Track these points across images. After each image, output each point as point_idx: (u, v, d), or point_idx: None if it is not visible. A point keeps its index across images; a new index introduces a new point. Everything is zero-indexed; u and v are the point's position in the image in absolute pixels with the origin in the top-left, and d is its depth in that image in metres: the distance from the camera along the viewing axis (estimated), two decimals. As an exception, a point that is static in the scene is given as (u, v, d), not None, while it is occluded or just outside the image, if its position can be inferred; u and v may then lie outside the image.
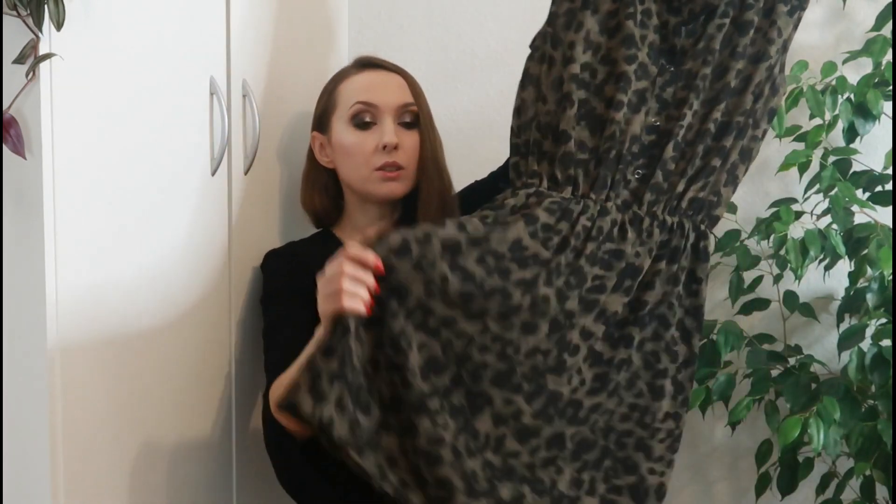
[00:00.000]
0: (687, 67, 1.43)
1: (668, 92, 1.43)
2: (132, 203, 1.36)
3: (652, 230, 1.40)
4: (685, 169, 1.42)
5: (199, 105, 1.50)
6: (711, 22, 1.43)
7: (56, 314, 1.21)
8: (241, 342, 1.62)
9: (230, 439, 1.61)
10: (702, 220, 1.43)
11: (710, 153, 1.42)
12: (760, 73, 1.43)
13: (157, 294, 1.42)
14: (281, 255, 1.61)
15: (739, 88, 1.43)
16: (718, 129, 1.42)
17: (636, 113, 1.41)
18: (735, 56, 1.43)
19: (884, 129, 1.90)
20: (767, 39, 1.44)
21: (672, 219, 1.42)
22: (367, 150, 1.57)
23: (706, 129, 1.42)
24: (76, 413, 1.26)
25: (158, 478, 1.44)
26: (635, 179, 1.41)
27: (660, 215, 1.41)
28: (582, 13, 1.43)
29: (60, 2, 1.16)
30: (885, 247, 1.75)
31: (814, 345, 2.03)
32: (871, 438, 1.75)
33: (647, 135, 1.42)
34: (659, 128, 1.42)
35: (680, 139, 1.41)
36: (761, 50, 1.44)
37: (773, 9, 1.43)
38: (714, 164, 1.42)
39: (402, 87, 1.62)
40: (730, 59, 1.43)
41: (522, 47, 1.70)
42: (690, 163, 1.42)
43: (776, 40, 1.43)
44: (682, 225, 1.42)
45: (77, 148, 1.24)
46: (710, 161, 1.42)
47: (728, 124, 1.43)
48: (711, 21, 1.43)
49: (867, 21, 1.95)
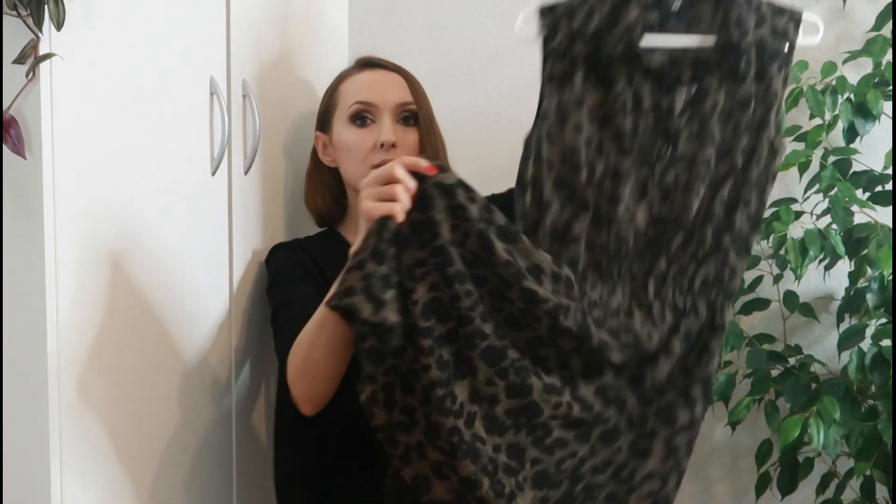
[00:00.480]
0: (686, 150, 1.35)
1: (669, 176, 1.35)
2: (132, 203, 1.35)
3: (664, 313, 1.36)
4: (695, 252, 1.37)
5: (199, 105, 1.50)
6: (707, 99, 1.34)
7: (56, 314, 1.21)
8: (242, 342, 1.62)
9: (230, 439, 1.61)
10: (716, 297, 1.38)
11: (720, 232, 1.36)
12: (763, 143, 1.37)
13: (156, 294, 1.42)
14: (288, 247, 1.63)
15: (745, 162, 1.36)
16: (727, 209, 1.36)
17: (639, 205, 1.35)
18: (738, 132, 1.36)
19: (884, 129, 1.90)
20: (766, 105, 1.36)
21: (685, 299, 1.37)
22: (366, 147, 1.58)
23: (713, 211, 1.36)
24: (76, 414, 1.25)
25: (158, 478, 1.44)
26: (642, 273, 1.36)
27: (670, 298, 1.37)
28: (574, 110, 1.36)
29: (60, 2, 1.15)
30: (885, 247, 1.75)
31: (814, 345, 2.03)
32: (871, 438, 1.75)
33: (653, 227, 1.36)
34: (664, 218, 1.36)
35: (687, 227, 1.36)
36: (762, 118, 1.36)
37: (764, 72, 1.35)
38: (725, 243, 1.37)
39: (402, 85, 1.62)
40: (733, 136, 1.36)
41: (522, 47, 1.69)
42: (700, 245, 1.36)
43: (774, 103, 1.36)
44: (695, 306, 1.37)
45: (77, 148, 1.24)
46: (720, 241, 1.36)
47: (736, 201, 1.36)
48: (707, 99, 1.34)
49: (867, 21, 1.95)
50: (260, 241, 1.67)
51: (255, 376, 1.67)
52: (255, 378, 1.67)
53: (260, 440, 1.71)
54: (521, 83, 2.12)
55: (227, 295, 1.58)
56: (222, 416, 1.59)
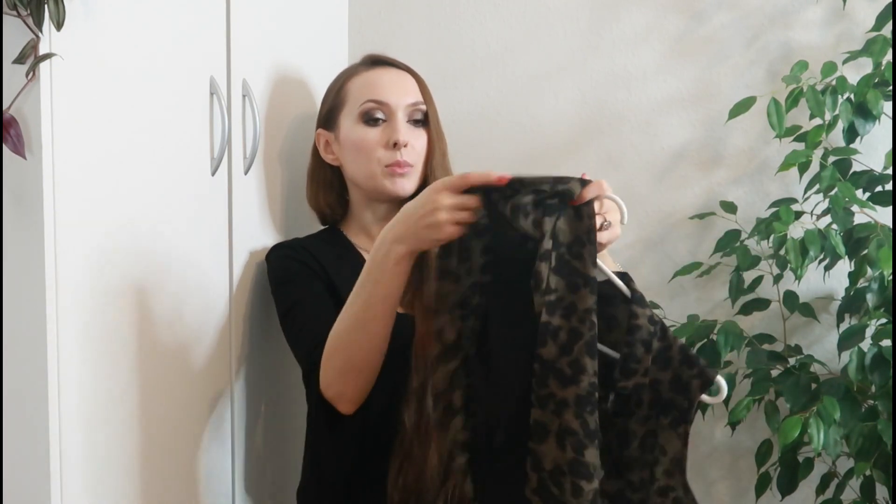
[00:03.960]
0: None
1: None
2: (132, 203, 1.35)
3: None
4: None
5: (199, 105, 1.50)
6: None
7: (56, 314, 1.21)
8: (242, 341, 1.62)
9: (230, 439, 1.61)
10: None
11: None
12: (655, 496, 1.25)
13: (156, 294, 1.42)
14: (289, 246, 1.62)
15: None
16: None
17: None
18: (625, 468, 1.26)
19: (884, 129, 1.90)
20: (648, 452, 1.25)
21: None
22: (377, 146, 1.57)
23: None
24: (76, 413, 1.25)
25: (158, 477, 1.44)
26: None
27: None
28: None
29: (60, 2, 1.15)
30: (885, 247, 1.75)
31: (814, 345, 2.03)
32: (871, 438, 1.75)
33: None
34: None
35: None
36: (640, 465, 1.25)
37: (655, 419, 1.24)
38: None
39: (413, 85, 1.62)
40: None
41: (522, 47, 1.71)
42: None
43: (661, 460, 1.24)
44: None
45: (77, 148, 1.24)
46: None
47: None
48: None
49: (867, 21, 1.95)
50: (260, 241, 1.67)
51: (255, 376, 1.67)
52: (256, 378, 1.67)
53: (260, 441, 1.71)
54: (521, 83, 2.13)
55: (227, 295, 1.58)
56: (222, 415, 1.59)
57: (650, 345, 1.22)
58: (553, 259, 1.20)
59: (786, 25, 2.03)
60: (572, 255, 1.20)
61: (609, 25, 2.09)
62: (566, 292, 1.20)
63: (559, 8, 2.10)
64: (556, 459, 1.21)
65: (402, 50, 1.86)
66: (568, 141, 2.10)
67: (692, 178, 2.08)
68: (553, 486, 1.22)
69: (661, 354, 1.22)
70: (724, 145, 2.06)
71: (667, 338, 1.23)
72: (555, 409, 1.20)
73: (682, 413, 1.22)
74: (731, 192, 2.06)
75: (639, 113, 2.09)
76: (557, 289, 1.20)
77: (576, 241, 1.20)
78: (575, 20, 2.10)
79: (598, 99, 2.10)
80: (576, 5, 2.09)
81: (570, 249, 1.20)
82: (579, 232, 1.21)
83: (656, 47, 2.08)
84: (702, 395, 1.21)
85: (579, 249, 1.20)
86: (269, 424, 1.73)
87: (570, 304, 1.20)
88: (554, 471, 1.22)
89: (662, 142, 2.08)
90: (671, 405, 1.23)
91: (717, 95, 2.05)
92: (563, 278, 1.20)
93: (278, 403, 1.74)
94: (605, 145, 2.10)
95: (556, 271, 1.20)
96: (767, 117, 1.91)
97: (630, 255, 2.07)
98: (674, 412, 1.22)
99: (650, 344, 1.22)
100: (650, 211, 2.09)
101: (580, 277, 1.20)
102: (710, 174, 2.07)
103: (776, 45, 2.03)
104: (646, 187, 2.07)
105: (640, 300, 1.24)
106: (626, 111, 2.09)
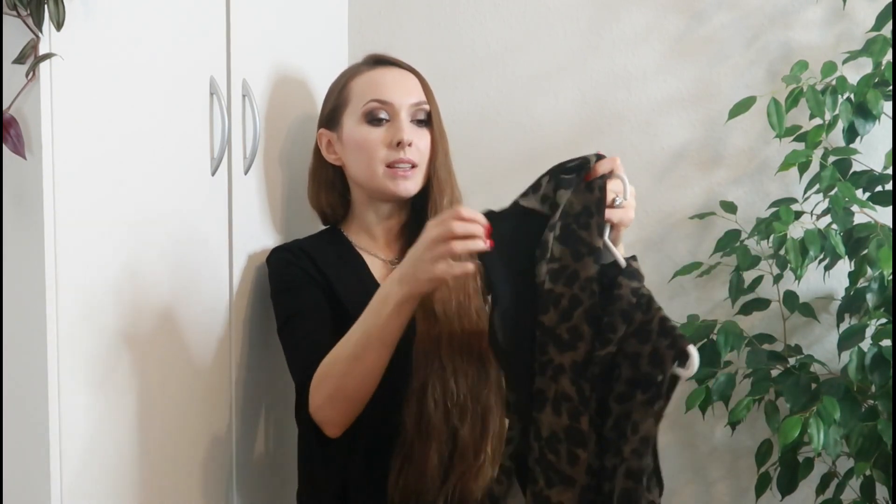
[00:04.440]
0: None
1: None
2: (132, 203, 1.35)
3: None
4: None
5: (199, 105, 1.50)
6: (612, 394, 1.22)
7: (56, 314, 1.21)
8: (242, 342, 1.62)
9: (230, 439, 1.61)
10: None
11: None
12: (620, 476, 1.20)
13: (156, 294, 1.42)
14: (289, 249, 1.61)
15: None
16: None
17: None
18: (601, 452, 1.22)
19: (884, 129, 1.90)
20: (620, 434, 1.20)
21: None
22: (380, 146, 1.57)
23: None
24: (75, 413, 1.25)
25: (158, 478, 1.44)
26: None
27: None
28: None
29: (60, 2, 1.15)
30: (885, 247, 1.75)
31: (814, 345, 2.03)
32: (871, 438, 1.75)
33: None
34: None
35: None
36: (615, 447, 1.21)
37: (632, 397, 1.20)
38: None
39: (416, 85, 1.61)
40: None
41: (522, 47, 1.71)
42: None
43: (630, 438, 1.19)
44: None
45: (77, 148, 1.24)
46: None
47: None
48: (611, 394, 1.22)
49: (867, 21, 1.95)
50: (260, 241, 1.67)
51: (255, 377, 1.67)
52: (255, 378, 1.67)
53: (259, 443, 1.71)
54: (521, 83, 2.13)
55: (227, 295, 1.58)
56: (222, 416, 1.59)
57: (629, 316, 1.21)
58: (558, 228, 1.24)
59: (786, 25, 2.03)
60: (580, 225, 1.24)
61: (609, 25, 2.09)
62: (570, 260, 1.23)
63: (559, 8, 2.10)
64: (552, 426, 1.23)
65: (402, 50, 1.85)
66: (568, 141, 2.10)
67: (692, 178, 2.08)
68: (550, 453, 1.23)
69: (643, 328, 1.20)
70: (724, 145, 2.06)
71: (650, 310, 1.20)
72: (552, 376, 1.22)
73: (657, 388, 1.17)
74: (731, 192, 2.06)
75: (639, 113, 2.09)
76: (562, 257, 1.23)
77: (584, 211, 1.24)
78: (575, 20, 2.10)
79: (598, 99, 2.10)
80: (576, 5, 2.09)
81: (578, 219, 1.24)
82: (588, 202, 1.24)
83: (656, 47, 2.08)
84: (674, 368, 1.16)
85: (587, 220, 1.24)
86: (269, 425, 1.72)
87: (573, 272, 1.23)
88: (550, 438, 1.23)
89: (662, 142, 2.08)
90: (649, 380, 1.18)
91: (717, 95, 2.05)
92: (567, 247, 1.23)
93: (278, 404, 1.74)
94: (605, 145, 2.08)
95: (561, 240, 1.23)
96: (767, 117, 1.91)
97: (630, 254, 2.07)
98: (652, 388, 1.17)
99: (629, 315, 1.21)
100: (650, 211, 2.09)
101: (585, 247, 1.23)
102: (710, 174, 2.07)
103: (776, 45, 2.03)
104: (646, 187, 2.07)
105: (631, 274, 1.24)
106: (626, 111, 2.09)
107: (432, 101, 1.62)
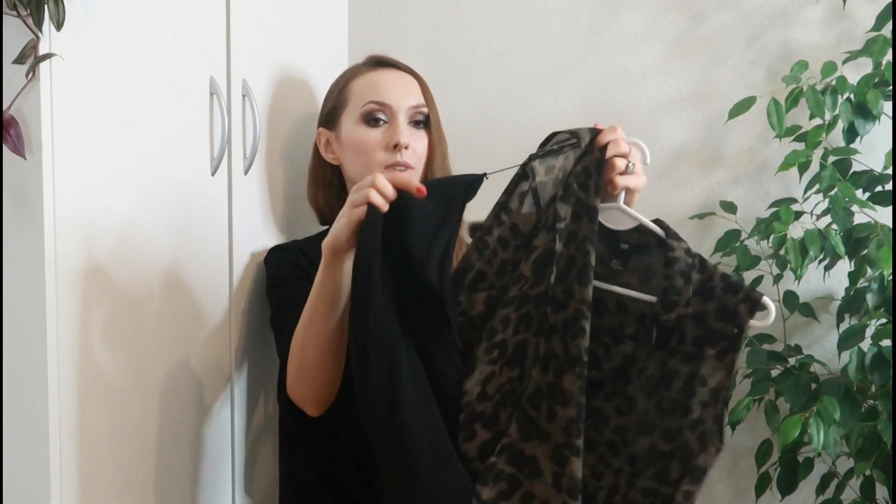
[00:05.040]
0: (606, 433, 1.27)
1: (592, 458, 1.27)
2: (132, 203, 1.35)
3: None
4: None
5: (199, 105, 1.50)
6: (634, 364, 1.27)
7: (56, 314, 1.21)
8: (242, 342, 1.62)
9: (230, 439, 1.61)
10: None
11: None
12: (685, 432, 1.24)
13: (156, 294, 1.42)
14: (286, 249, 1.62)
15: (670, 451, 1.25)
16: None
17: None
18: (662, 410, 1.26)
19: (884, 129, 1.90)
20: (688, 392, 1.24)
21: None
22: (377, 148, 1.57)
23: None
24: (75, 413, 1.25)
25: (157, 477, 1.44)
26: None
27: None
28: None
29: (60, 2, 1.15)
30: (885, 247, 1.75)
31: (814, 345, 2.03)
32: (871, 438, 1.75)
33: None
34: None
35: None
36: (685, 406, 1.25)
37: (695, 355, 1.24)
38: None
39: (416, 87, 1.62)
40: (657, 412, 1.26)
41: (522, 47, 1.71)
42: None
43: (696, 391, 1.23)
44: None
45: (77, 148, 1.24)
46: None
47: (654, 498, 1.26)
48: (632, 367, 1.27)
49: (867, 21, 1.95)
50: (260, 241, 1.67)
51: (254, 376, 1.67)
52: (255, 378, 1.67)
53: (260, 441, 1.71)
54: (521, 83, 2.13)
55: (227, 295, 1.58)
56: (222, 415, 1.59)
57: (689, 276, 1.25)
58: (561, 189, 1.28)
59: (786, 25, 2.03)
60: (579, 186, 1.27)
61: (609, 25, 2.09)
62: (571, 221, 1.27)
63: (559, 8, 2.10)
64: (537, 382, 1.25)
65: (402, 50, 1.86)
66: (568, 141, 2.09)
67: (692, 178, 2.08)
68: (531, 407, 1.24)
69: (703, 286, 1.25)
70: (724, 145, 2.06)
71: (706, 269, 1.26)
72: (546, 335, 1.25)
73: (730, 341, 1.23)
74: (731, 192, 2.06)
75: (639, 113, 2.09)
76: (566, 217, 1.27)
77: (583, 171, 1.27)
78: (575, 20, 2.10)
79: (598, 99, 2.10)
80: (576, 5, 2.09)
81: (577, 179, 1.27)
82: (588, 164, 1.28)
83: (656, 47, 2.08)
84: (751, 320, 1.23)
85: (586, 180, 1.27)
86: (270, 424, 1.72)
87: (572, 231, 1.26)
88: (534, 393, 1.24)
89: (662, 142, 2.08)
90: (719, 335, 1.23)
91: (717, 95, 2.05)
92: (570, 207, 1.27)
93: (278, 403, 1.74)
94: (605, 145, 2.10)
95: (563, 199, 1.27)
96: (767, 117, 1.91)
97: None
98: (722, 342, 1.23)
99: (689, 275, 1.25)
100: (650, 211, 2.07)
101: (583, 207, 1.26)
102: (710, 174, 2.07)
103: (776, 45, 2.03)
104: (646, 187, 2.06)
105: (675, 235, 1.28)
106: (626, 111, 2.09)
107: (431, 104, 1.62)
